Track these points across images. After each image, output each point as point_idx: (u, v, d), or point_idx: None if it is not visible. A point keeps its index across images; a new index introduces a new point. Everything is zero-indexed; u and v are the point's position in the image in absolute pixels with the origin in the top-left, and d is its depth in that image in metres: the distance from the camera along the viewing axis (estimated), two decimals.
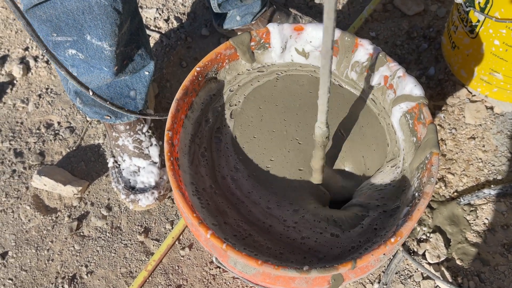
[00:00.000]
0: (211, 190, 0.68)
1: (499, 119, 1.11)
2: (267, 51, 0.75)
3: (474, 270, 0.97)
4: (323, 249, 0.63)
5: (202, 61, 0.70)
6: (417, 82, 0.65)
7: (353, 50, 0.70)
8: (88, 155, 1.14)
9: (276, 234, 0.64)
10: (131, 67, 0.93)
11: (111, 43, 0.82)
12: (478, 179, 1.06)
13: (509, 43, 0.92)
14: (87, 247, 1.03)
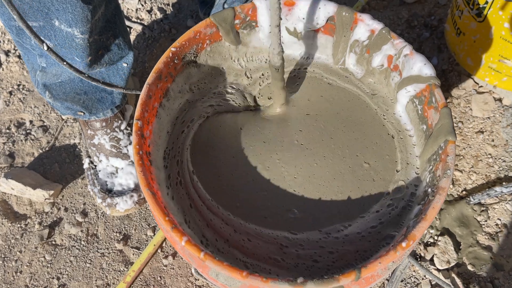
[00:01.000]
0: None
1: (508, 112, 1.03)
2: (254, 31, 0.66)
3: (487, 276, 0.88)
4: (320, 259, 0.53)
5: (178, 40, 0.61)
6: (427, 61, 0.56)
7: (352, 27, 0.62)
8: (63, 156, 1.04)
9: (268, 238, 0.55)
10: (107, 58, 0.84)
11: (83, 30, 0.72)
12: (488, 176, 0.97)
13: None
14: (59, 258, 0.93)
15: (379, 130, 0.62)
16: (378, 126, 0.62)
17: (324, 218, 0.56)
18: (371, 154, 0.60)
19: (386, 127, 0.62)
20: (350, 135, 0.61)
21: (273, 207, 0.57)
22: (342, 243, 0.54)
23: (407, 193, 0.57)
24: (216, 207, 0.57)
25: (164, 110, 0.61)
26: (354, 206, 0.56)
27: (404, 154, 0.60)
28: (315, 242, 0.54)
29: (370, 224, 0.55)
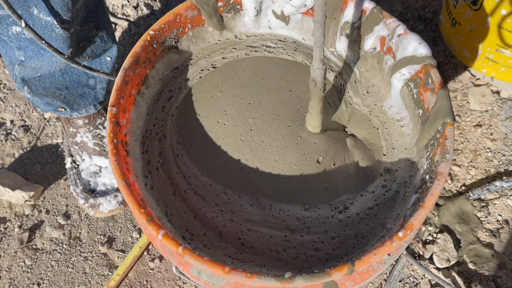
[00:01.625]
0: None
1: (507, 104, 0.99)
2: (239, 14, 0.62)
3: (490, 275, 0.84)
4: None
5: (157, 23, 0.57)
6: (422, 40, 0.52)
7: (342, 7, 0.58)
8: (45, 157, 1.00)
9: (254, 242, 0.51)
10: (90, 50, 0.80)
11: (63, 19, 0.68)
12: (488, 170, 0.93)
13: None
14: (40, 262, 0.88)
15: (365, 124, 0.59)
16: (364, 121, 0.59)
17: (333, 190, 0.52)
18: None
19: (372, 121, 0.58)
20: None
21: (283, 179, 0.52)
22: (344, 226, 0.50)
23: (398, 175, 0.53)
24: (208, 185, 0.52)
25: (143, 98, 0.57)
26: (355, 182, 0.53)
27: (389, 142, 0.56)
28: (322, 223, 0.50)
29: (367, 204, 0.51)
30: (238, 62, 0.61)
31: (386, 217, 0.50)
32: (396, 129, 0.58)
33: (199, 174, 0.53)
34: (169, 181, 0.53)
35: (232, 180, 0.52)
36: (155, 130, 0.56)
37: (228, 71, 0.60)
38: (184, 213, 0.52)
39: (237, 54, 0.62)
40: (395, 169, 0.54)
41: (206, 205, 0.51)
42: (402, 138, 0.57)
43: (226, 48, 0.63)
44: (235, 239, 0.50)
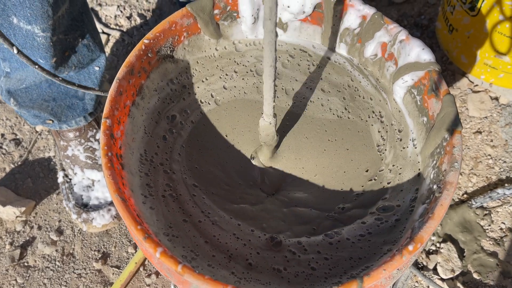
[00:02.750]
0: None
1: (506, 110, 0.98)
2: (236, 22, 0.60)
3: (495, 285, 0.82)
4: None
5: (151, 31, 0.55)
6: (425, 45, 0.51)
7: (342, 14, 0.57)
8: (36, 171, 0.97)
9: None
10: (76, 60, 0.77)
11: (44, 28, 0.66)
12: (489, 178, 0.92)
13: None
14: (32, 280, 0.85)
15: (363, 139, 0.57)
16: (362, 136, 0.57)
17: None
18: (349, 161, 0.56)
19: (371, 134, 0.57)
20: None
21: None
22: (335, 248, 0.48)
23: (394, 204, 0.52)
24: (229, 218, 0.51)
25: (138, 109, 0.55)
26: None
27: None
28: (316, 245, 0.48)
29: (357, 232, 0.49)
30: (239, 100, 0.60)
31: (385, 240, 0.48)
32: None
33: (218, 211, 0.52)
34: (181, 210, 0.51)
35: (250, 217, 0.51)
36: (158, 160, 0.54)
37: (231, 110, 0.59)
38: (194, 237, 0.50)
39: (240, 84, 0.60)
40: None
41: (222, 233, 0.50)
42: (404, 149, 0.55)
43: (225, 68, 0.61)
44: (244, 260, 0.48)
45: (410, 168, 0.52)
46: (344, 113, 0.58)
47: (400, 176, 0.52)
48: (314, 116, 0.58)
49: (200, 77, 0.61)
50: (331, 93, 0.59)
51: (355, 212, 0.51)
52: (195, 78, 0.61)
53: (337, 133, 0.57)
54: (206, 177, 0.54)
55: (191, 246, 0.48)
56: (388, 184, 0.52)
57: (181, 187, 0.53)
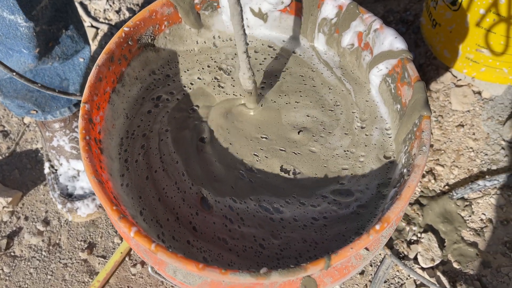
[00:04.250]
0: (145, 186, 0.53)
1: (488, 104, 1.00)
2: (216, 12, 0.61)
3: (474, 274, 0.84)
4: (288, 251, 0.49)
5: (132, 19, 0.56)
6: (398, 34, 0.52)
7: (319, 4, 0.58)
8: (24, 162, 0.98)
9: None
10: (60, 51, 0.78)
11: (27, 18, 0.67)
12: (471, 170, 0.94)
13: (498, 11, 0.82)
14: (18, 270, 0.86)
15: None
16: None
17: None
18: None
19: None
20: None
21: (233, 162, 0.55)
22: (282, 227, 0.50)
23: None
24: (175, 163, 0.55)
25: (119, 96, 0.56)
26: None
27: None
28: (253, 215, 0.50)
29: (310, 215, 0.51)
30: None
31: (341, 232, 0.50)
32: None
33: (173, 151, 0.55)
34: (146, 166, 0.54)
35: (192, 167, 0.54)
36: (140, 131, 0.56)
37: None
38: (153, 198, 0.52)
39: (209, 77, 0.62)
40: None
41: (168, 183, 0.52)
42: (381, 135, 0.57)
43: (203, 63, 0.63)
44: (188, 224, 0.50)
45: (376, 155, 0.54)
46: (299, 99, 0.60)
47: (361, 162, 0.54)
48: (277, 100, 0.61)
49: (182, 68, 0.62)
50: (290, 81, 0.61)
51: (300, 192, 0.53)
52: (177, 69, 0.62)
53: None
54: (180, 124, 0.58)
55: (154, 212, 0.51)
56: (345, 169, 0.54)
57: (154, 139, 0.56)
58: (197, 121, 0.58)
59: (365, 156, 0.54)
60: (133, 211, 0.50)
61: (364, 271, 0.85)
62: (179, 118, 0.58)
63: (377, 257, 0.86)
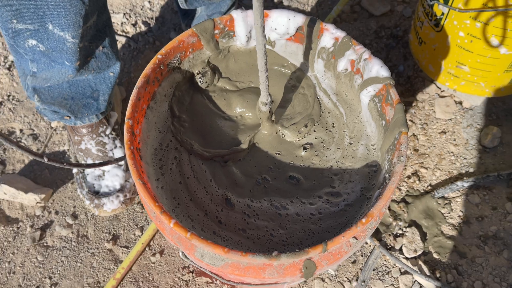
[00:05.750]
0: (179, 188, 0.65)
1: (468, 113, 1.12)
2: (232, 39, 0.73)
3: (452, 263, 0.96)
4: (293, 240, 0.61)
5: (164, 48, 0.67)
6: (383, 64, 0.64)
7: (319, 35, 0.69)
8: None
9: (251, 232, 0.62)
10: (95, 65, 0.90)
11: (74, 35, 0.79)
12: (451, 172, 1.06)
13: (473, 34, 0.93)
14: (51, 258, 0.98)
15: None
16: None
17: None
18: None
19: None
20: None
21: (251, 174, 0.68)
22: (287, 221, 0.62)
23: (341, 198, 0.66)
24: (204, 172, 0.67)
25: (152, 111, 0.68)
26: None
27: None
28: (266, 212, 0.63)
29: (308, 211, 0.63)
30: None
31: (333, 225, 0.62)
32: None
33: (201, 163, 0.67)
34: (179, 173, 0.65)
35: (218, 176, 0.66)
36: (172, 145, 0.69)
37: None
38: (185, 198, 0.63)
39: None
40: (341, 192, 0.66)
41: (199, 186, 0.64)
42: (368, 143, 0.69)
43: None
44: (214, 218, 0.62)
45: (360, 166, 0.66)
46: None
47: (349, 171, 0.66)
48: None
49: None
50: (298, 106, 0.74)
51: (301, 194, 0.65)
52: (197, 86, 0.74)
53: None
54: (204, 138, 0.70)
55: (186, 210, 0.62)
56: (335, 176, 0.66)
57: (184, 153, 0.68)
58: None
59: (351, 166, 0.66)
60: (166, 207, 0.62)
61: (356, 260, 0.97)
62: None
63: (367, 248, 0.98)
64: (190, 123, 0.72)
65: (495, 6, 0.85)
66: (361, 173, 0.66)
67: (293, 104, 0.73)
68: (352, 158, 0.67)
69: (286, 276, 0.57)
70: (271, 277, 0.56)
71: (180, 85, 0.73)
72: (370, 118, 0.69)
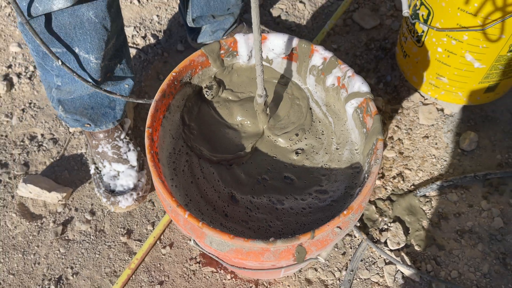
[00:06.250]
0: (190, 187, 0.76)
1: (448, 119, 1.23)
2: (236, 58, 0.84)
3: (431, 255, 1.07)
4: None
5: (177, 67, 0.78)
6: (364, 80, 0.75)
7: (310, 55, 0.81)
8: (71, 164, 1.20)
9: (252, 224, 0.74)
10: (113, 79, 1.01)
11: (97, 56, 0.90)
12: (432, 173, 1.17)
13: (450, 50, 1.05)
14: (72, 250, 1.09)
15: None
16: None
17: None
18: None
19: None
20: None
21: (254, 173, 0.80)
22: (282, 214, 0.73)
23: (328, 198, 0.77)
24: (212, 173, 0.79)
25: (167, 120, 0.79)
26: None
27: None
28: (264, 207, 0.75)
29: (300, 206, 0.75)
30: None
31: (321, 217, 0.73)
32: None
33: (209, 166, 0.79)
34: (190, 174, 0.76)
35: (224, 177, 0.78)
36: (184, 150, 0.80)
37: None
38: (196, 195, 0.74)
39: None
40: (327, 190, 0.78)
41: (208, 186, 0.75)
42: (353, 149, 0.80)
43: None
44: (221, 211, 0.73)
45: (345, 168, 0.77)
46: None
47: (335, 172, 0.77)
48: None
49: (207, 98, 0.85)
50: (293, 116, 0.86)
51: (295, 191, 0.77)
52: (204, 97, 0.85)
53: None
54: (211, 144, 0.82)
55: (197, 205, 0.73)
56: (323, 176, 0.77)
57: (194, 157, 0.80)
58: None
59: (337, 168, 0.78)
60: (181, 203, 0.73)
61: (345, 252, 1.08)
62: None
63: (356, 241, 1.09)
64: (198, 131, 0.83)
65: (467, 26, 0.96)
66: (346, 173, 0.77)
67: (288, 114, 0.85)
68: (338, 161, 0.78)
69: (281, 259, 0.68)
70: (269, 260, 0.67)
71: (190, 97, 0.84)
72: (354, 127, 0.80)
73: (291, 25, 1.43)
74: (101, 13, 0.83)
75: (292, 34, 1.39)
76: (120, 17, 0.93)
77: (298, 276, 1.05)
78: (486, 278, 1.04)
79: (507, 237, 1.08)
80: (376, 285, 1.04)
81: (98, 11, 0.82)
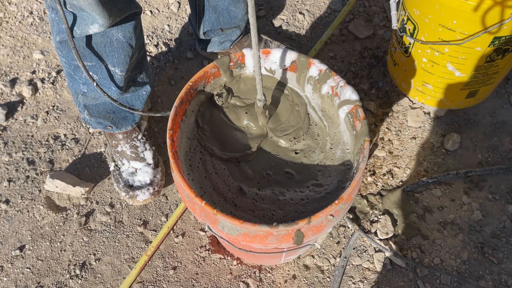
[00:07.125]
0: (204, 181, 0.89)
1: (434, 122, 1.36)
2: (243, 69, 0.96)
3: (416, 244, 1.19)
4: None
5: (193, 77, 0.91)
6: (354, 90, 0.87)
7: (308, 67, 0.93)
8: (92, 162, 1.33)
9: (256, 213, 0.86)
10: (133, 87, 1.14)
11: (122, 69, 1.03)
12: (419, 171, 1.29)
13: (434, 60, 1.17)
14: (94, 239, 1.21)
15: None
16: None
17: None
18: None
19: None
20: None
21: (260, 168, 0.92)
22: (283, 204, 0.86)
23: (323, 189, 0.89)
24: (222, 169, 0.91)
25: (184, 123, 0.91)
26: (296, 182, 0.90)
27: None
28: (268, 198, 0.87)
29: (299, 197, 0.87)
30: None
31: (317, 207, 0.85)
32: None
33: (220, 163, 0.91)
34: (204, 170, 0.89)
35: (234, 172, 0.90)
36: (198, 149, 0.92)
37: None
38: (209, 188, 0.87)
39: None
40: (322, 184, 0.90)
41: (219, 180, 0.87)
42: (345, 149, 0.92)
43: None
44: (231, 202, 0.85)
45: (337, 165, 0.89)
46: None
47: (329, 168, 0.90)
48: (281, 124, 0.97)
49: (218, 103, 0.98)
50: (293, 120, 0.98)
51: (294, 184, 0.89)
52: (215, 103, 0.97)
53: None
54: (222, 144, 0.94)
55: (211, 198, 0.86)
56: (319, 172, 0.90)
57: (207, 155, 0.92)
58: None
59: (331, 165, 0.90)
60: (198, 192, 0.86)
61: (340, 241, 1.20)
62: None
63: (349, 231, 1.21)
64: (210, 132, 0.95)
65: (447, 40, 1.09)
66: (338, 170, 0.90)
67: (289, 118, 0.97)
68: (332, 159, 0.91)
69: (282, 242, 0.80)
70: (272, 243, 0.80)
71: (203, 103, 0.96)
72: (346, 129, 0.93)
73: (292, 34, 1.55)
74: (128, 34, 0.96)
75: (292, 43, 1.52)
76: (142, 35, 1.06)
77: (297, 262, 1.17)
78: (465, 264, 1.16)
79: (485, 228, 1.20)
80: (367, 270, 1.16)
81: (125, 33, 0.95)
